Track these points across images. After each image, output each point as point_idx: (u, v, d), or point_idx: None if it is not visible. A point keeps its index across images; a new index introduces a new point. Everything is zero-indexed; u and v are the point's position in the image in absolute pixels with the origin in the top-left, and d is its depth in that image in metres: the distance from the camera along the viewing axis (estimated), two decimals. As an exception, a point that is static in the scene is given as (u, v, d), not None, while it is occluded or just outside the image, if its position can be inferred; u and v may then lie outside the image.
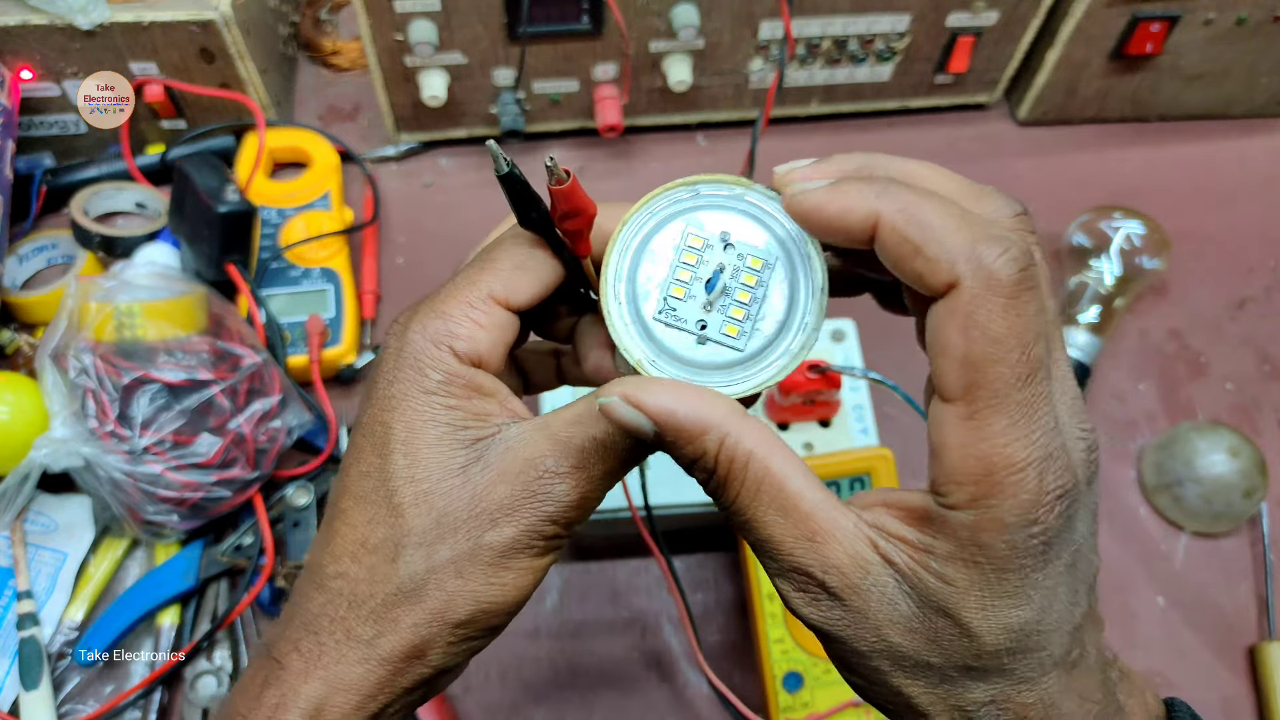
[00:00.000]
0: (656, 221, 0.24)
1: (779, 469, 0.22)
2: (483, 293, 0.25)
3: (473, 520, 0.24)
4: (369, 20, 0.55)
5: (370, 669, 0.24)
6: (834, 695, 0.43)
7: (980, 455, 0.20)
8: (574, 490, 0.24)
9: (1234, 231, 0.63)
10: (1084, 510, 0.21)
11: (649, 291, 0.24)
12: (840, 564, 0.21)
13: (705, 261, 0.24)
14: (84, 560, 0.49)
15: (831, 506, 0.22)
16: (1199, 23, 0.60)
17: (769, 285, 0.24)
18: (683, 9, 0.56)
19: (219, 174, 0.52)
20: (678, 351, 0.24)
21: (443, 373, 0.24)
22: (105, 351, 0.47)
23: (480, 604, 0.24)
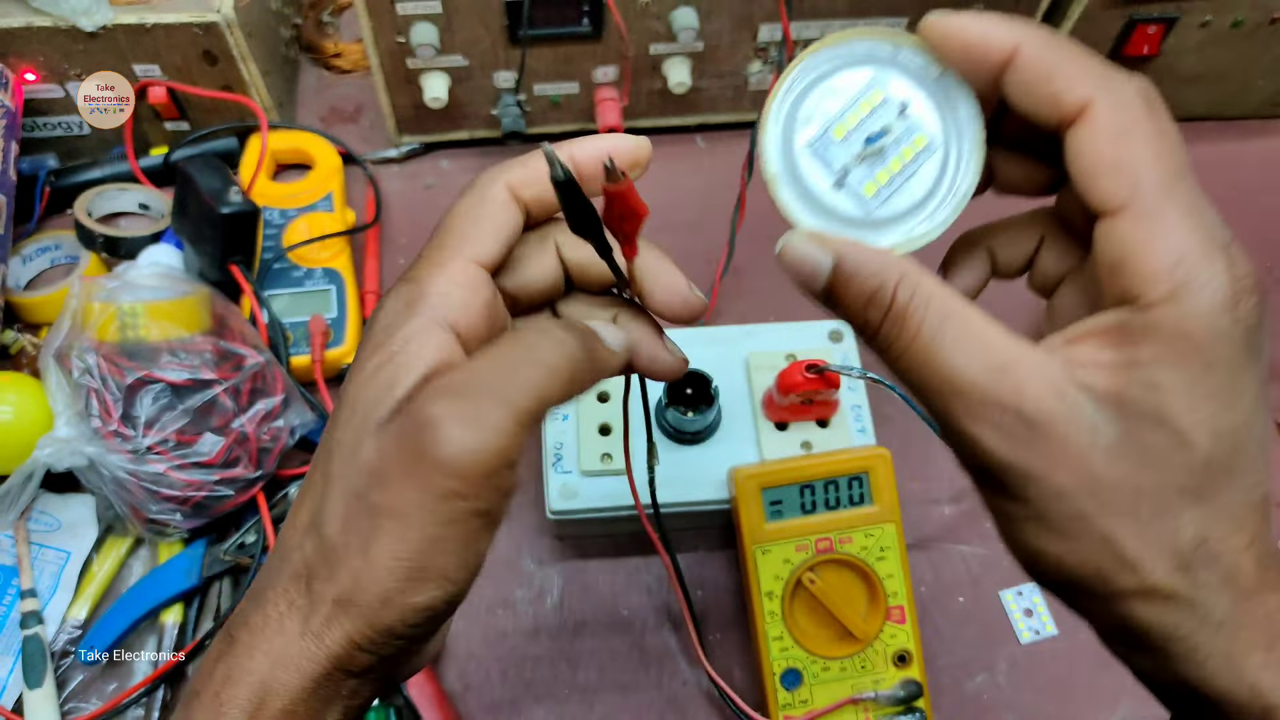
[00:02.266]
0: (848, 61, 0.24)
1: (964, 306, 0.21)
2: (451, 253, 0.25)
3: (371, 487, 0.22)
4: (371, 23, 0.55)
5: (308, 648, 0.22)
6: (832, 692, 0.44)
7: (1169, 246, 0.20)
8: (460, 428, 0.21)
9: (1230, 233, 0.64)
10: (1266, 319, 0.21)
11: (811, 119, 0.24)
12: (1036, 391, 0.20)
13: (876, 117, 0.24)
14: (87, 559, 0.50)
15: (1021, 341, 0.21)
16: (1196, 25, 0.60)
17: (921, 167, 0.24)
18: (682, 12, 0.56)
19: (222, 175, 0.52)
20: (809, 184, 0.24)
21: (405, 331, 0.23)
22: (109, 351, 0.47)
23: (391, 579, 0.22)
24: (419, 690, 0.45)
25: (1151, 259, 0.20)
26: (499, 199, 0.25)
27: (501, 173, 0.26)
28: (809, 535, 0.44)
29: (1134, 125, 0.21)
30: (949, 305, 0.21)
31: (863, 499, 0.45)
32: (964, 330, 0.21)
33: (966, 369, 0.21)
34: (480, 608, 0.49)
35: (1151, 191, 0.21)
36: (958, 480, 0.53)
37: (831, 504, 0.45)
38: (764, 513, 0.44)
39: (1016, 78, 0.22)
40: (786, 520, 0.45)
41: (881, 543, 0.45)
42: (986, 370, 0.21)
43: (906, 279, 0.22)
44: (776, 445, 0.48)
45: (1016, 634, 0.49)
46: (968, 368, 0.21)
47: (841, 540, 0.44)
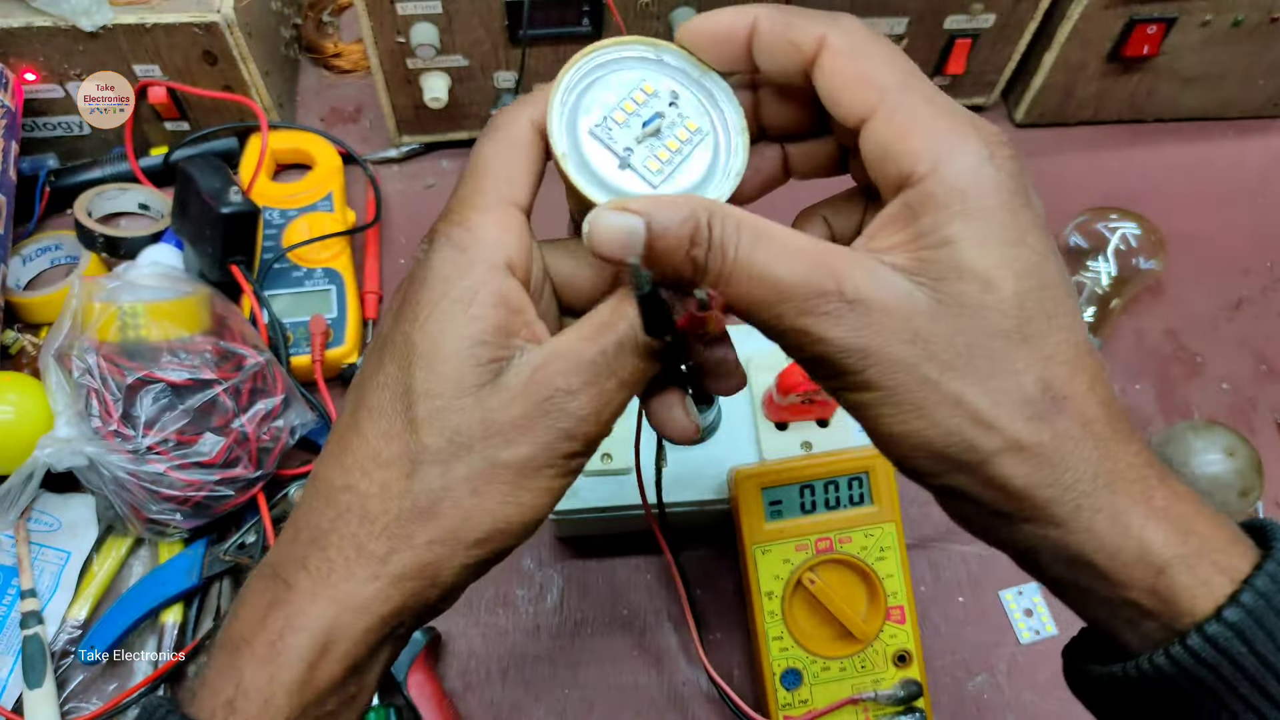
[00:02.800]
0: (618, 63, 0.26)
1: (771, 224, 0.23)
2: (494, 198, 0.25)
3: (487, 439, 0.23)
4: (371, 23, 0.55)
5: (380, 587, 0.23)
6: (832, 692, 0.44)
7: (923, 129, 0.22)
8: (588, 404, 0.24)
9: (1230, 232, 0.64)
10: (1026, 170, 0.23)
11: (591, 109, 0.26)
12: (852, 276, 0.22)
13: (649, 105, 0.26)
14: (87, 559, 0.50)
15: (827, 243, 0.23)
16: (1196, 25, 0.60)
17: (695, 150, 0.26)
18: (682, 12, 0.56)
19: (222, 175, 0.52)
20: (595, 167, 0.25)
21: (469, 280, 0.24)
22: (109, 351, 0.47)
23: (496, 523, 0.24)
24: (419, 690, 0.45)
25: (911, 140, 0.22)
26: (526, 139, 0.26)
27: (521, 109, 0.26)
28: (809, 535, 0.44)
29: (864, 44, 0.24)
30: (759, 225, 0.23)
31: (863, 499, 0.45)
32: (779, 242, 0.23)
33: (789, 273, 0.22)
34: (481, 607, 0.49)
35: (894, 90, 0.23)
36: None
37: (831, 504, 0.45)
38: (764, 513, 0.44)
39: (761, 43, 0.25)
40: (786, 520, 0.45)
41: (881, 543, 0.45)
42: (806, 268, 0.22)
43: (715, 212, 0.23)
44: (776, 445, 0.48)
45: (1016, 633, 0.49)
46: (790, 272, 0.22)
47: (841, 540, 0.44)
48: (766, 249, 0.22)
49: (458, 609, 0.49)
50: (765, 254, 0.22)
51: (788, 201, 0.30)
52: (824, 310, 0.22)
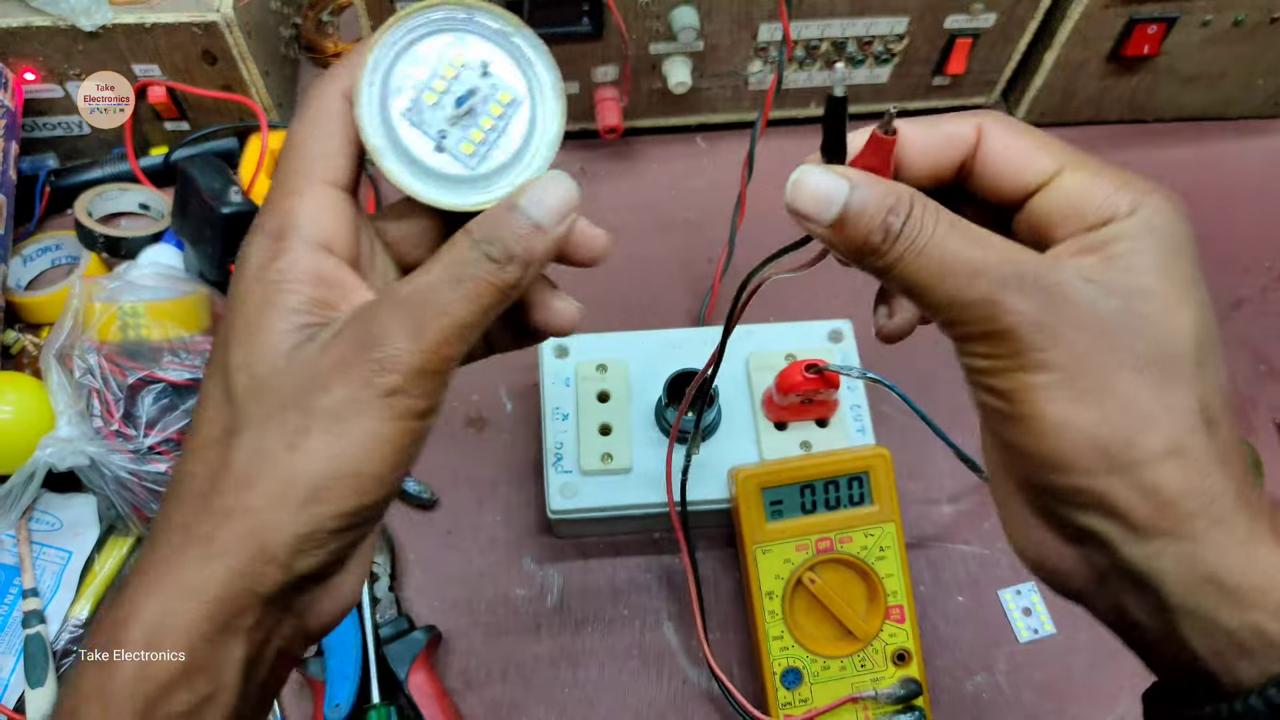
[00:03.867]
0: (428, 29, 0.25)
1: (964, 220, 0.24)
2: (306, 179, 0.25)
3: (302, 393, 0.22)
4: (371, 23, 0.55)
5: (212, 570, 0.22)
6: (832, 691, 0.44)
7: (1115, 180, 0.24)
8: (403, 329, 0.22)
9: (1230, 232, 0.64)
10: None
11: (402, 89, 0.25)
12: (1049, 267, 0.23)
13: (461, 81, 0.25)
14: (89, 558, 0.50)
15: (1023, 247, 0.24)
16: (1196, 24, 0.60)
17: (511, 121, 0.26)
18: (682, 11, 0.56)
19: (222, 175, 0.53)
20: (413, 152, 0.25)
21: (281, 262, 0.24)
22: (110, 351, 0.47)
23: (321, 477, 0.22)
24: (420, 689, 0.45)
25: (1106, 188, 0.24)
26: (337, 112, 0.25)
27: (330, 82, 0.25)
28: (809, 535, 0.44)
29: (1020, 126, 0.26)
30: (956, 216, 0.24)
31: (862, 499, 0.45)
32: (975, 231, 0.24)
33: (984, 253, 0.23)
34: (481, 607, 0.49)
35: (1071, 154, 0.25)
36: (957, 480, 0.54)
37: (831, 504, 0.45)
38: (764, 513, 0.45)
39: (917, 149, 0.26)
40: (787, 520, 0.45)
41: (881, 542, 0.45)
42: (1002, 250, 0.23)
43: (918, 196, 0.24)
44: (776, 445, 0.48)
45: (1015, 633, 0.49)
46: (985, 252, 0.23)
47: (841, 540, 0.45)
48: (964, 233, 0.24)
49: (458, 608, 0.49)
50: (963, 236, 0.24)
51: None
52: (1019, 286, 0.23)
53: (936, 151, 0.26)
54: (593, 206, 0.28)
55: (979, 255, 0.23)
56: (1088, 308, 0.23)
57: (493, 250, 0.24)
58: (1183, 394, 0.23)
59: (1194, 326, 0.23)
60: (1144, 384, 0.22)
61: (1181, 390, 0.23)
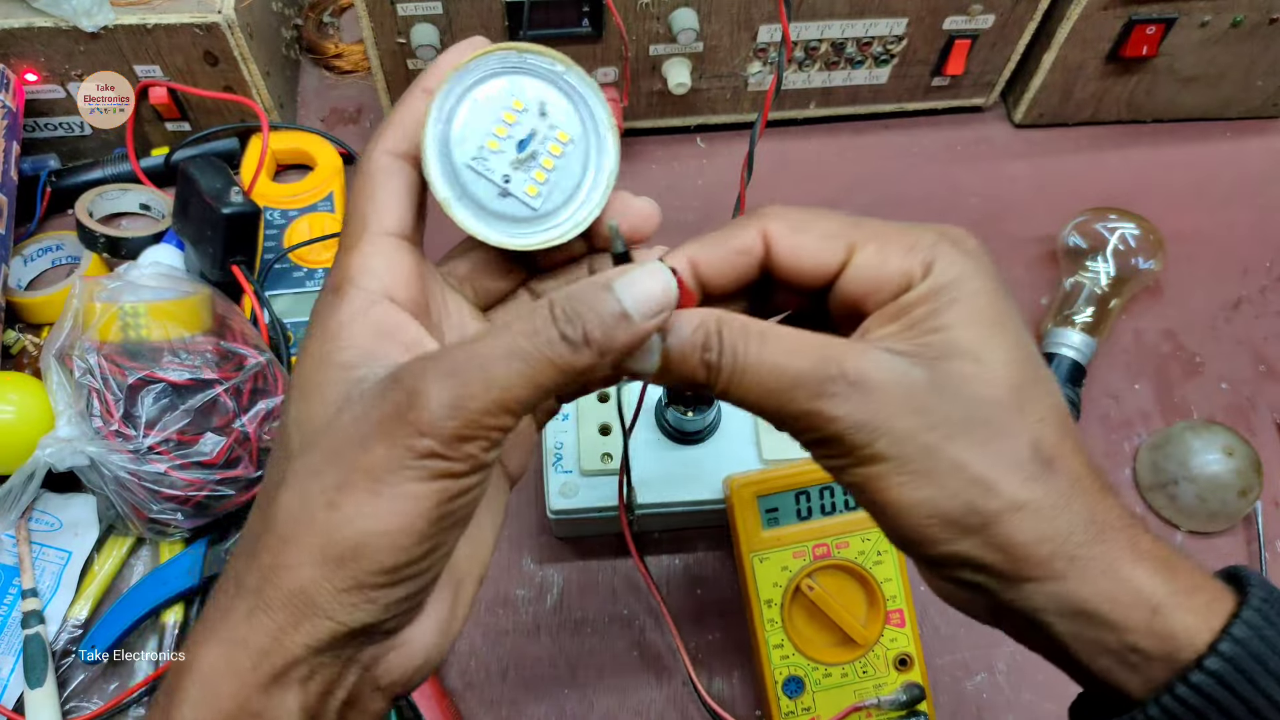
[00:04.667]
0: (484, 73, 0.26)
1: (769, 324, 0.25)
2: (363, 235, 0.25)
3: (346, 449, 0.22)
4: (371, 23, 0.55)
5: (259, 622, 0.22)
6: (835, 699, 0.44)
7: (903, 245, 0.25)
8: (445, 395, 0.22)
9: (1229, 232, 0.64)
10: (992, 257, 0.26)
11: (466, 138, 0.26)
12: (855, 362, 0.24)
13: (521, 124, 0.26)
14: (88, 558, 0.50)
15: (828, 336, 0.25)
16: (1195, 25, 0.60)
17: (570, 158, 0.27)
18: (682, 13, 0.57)
19: (223, 176, 0.53)
20: (480, 199, 0.26)
21: (341, 316, 0.24)
22: (110, 351, 0.47)
23: (357, 535, 0.22)
24: (420, 689, 0.45)
25: (897, 255, 0.25)
26: (382, 167, 0.26)
27: (376, 143, 0.26)
28: (806, 541, 0.44)
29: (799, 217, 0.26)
30: (763, 326, 0.25)
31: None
32: (784, 338, 0.24)
33: (797, 363, 0.24)
34: (480, 607, 0.49)
35: (859, 229, 0.26)
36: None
37: (827, 509, 0.45)
38: (760, 521, 0.45)
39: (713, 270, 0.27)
40: (783, 527, 0.45)
41: (879, 546, 0.45)
42: (812, 358, 0.24)
43: (723, 319, 0.25)
44: (776, 445, 0.48)
45: (1016, 633, 0.49)
46: (798, 362, 0.24)
47: (839, 545, 0.44)
48: (775, 345, 0.24)
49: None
50: (773, 350, 0.24)
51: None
52: (832, 392, 0.23)
53: (729, 268, 0.27)
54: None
55: (794, 366, 0.24)
56: (899, 388, 0.23)
57: (570, 330, 0.22)
58: (1009, 444, 0.23)
59: (1006, 369, 0.24)
60: (968, 447, 0.23)
61: (1007, 441, 0.23)
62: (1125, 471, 0.55)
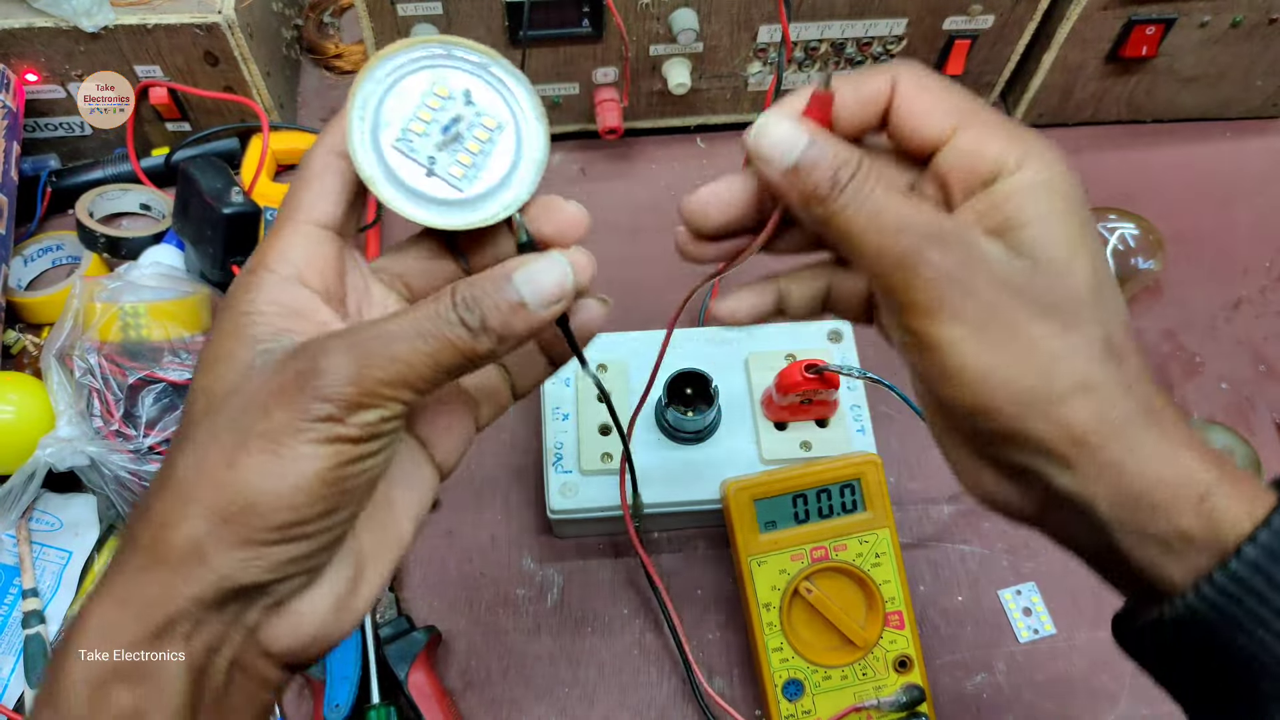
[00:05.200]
0: (411, 67, 0.27)
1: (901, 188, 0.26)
2: (289, 223, 0.27)
3: (247, 413, 0.23)
4: (372, 24, 0.55)
5: (148, 574, 0.23)
6: (835, 701, 0.44)
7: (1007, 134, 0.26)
8: (345, 365, 0.23)
9: (1229, 232, 0.64)
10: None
11: (390, 123, 0.26)
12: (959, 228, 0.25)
13: (446, 110, 0.27)
14: (89, 558, 0.50)
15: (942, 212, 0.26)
16: (1195, 25, 0.60)
17: (496, 144, 0.27)
18: (682, 13, 0.57)
19: (223, 176, 0.53)
20: (404, 179, 0.26)
21: (251, 294, 0.25)
22: (110, 351, 0.47)
23: (254, 494, 0.23)
24: (420, 689, 0.45)
25: (998, 143, 0.26)
26: (320, 163, 0.27)
27: (318, 143, 0.27)
28: (804, 544, 0.44)
29: (929, 79, 0.27)
30: (894, 182, 0.26)
31: (855, 506, 0.45)
32: (907, 196, 0.26)
33: (912, 213, 0.25)
34: (481, 606, 0.50)
35: (970, 110, 0.27)
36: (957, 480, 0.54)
37: (825, 512, 0.45)
38: (757, 524, 0.45)
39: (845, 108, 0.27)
40: (780, 531, 0.45)
41: (876, 548, 0.45)
42: (927, 215, 0.25)
43: (865, 158, 0.26)
44: (776, 445, 0.48)
45: (1015, 633, 0.49)
46: (913, 212, 0.25)
47: (837, 548, 0.45)
48: (898, 195, 0.26)
49: (458, 608, 0.49)
50: (896, 198, 0.26)
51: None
52: (938, 244, 0.25)
53: (859, 109, 0.27)
54: (593, 207, 0.28)
55: (907, 214, 0.25)
56: (993, 264, 0.25)
57: (470, 317, 0.24)
58: (1085, 334, 0.25)
59: (1089, 271, 0.25)
60: (1048, 329, 0.25)
61: (1083, 331, 0.25)
62: (1125, 471, 0.55)
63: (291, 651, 0.25)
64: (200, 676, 0.24)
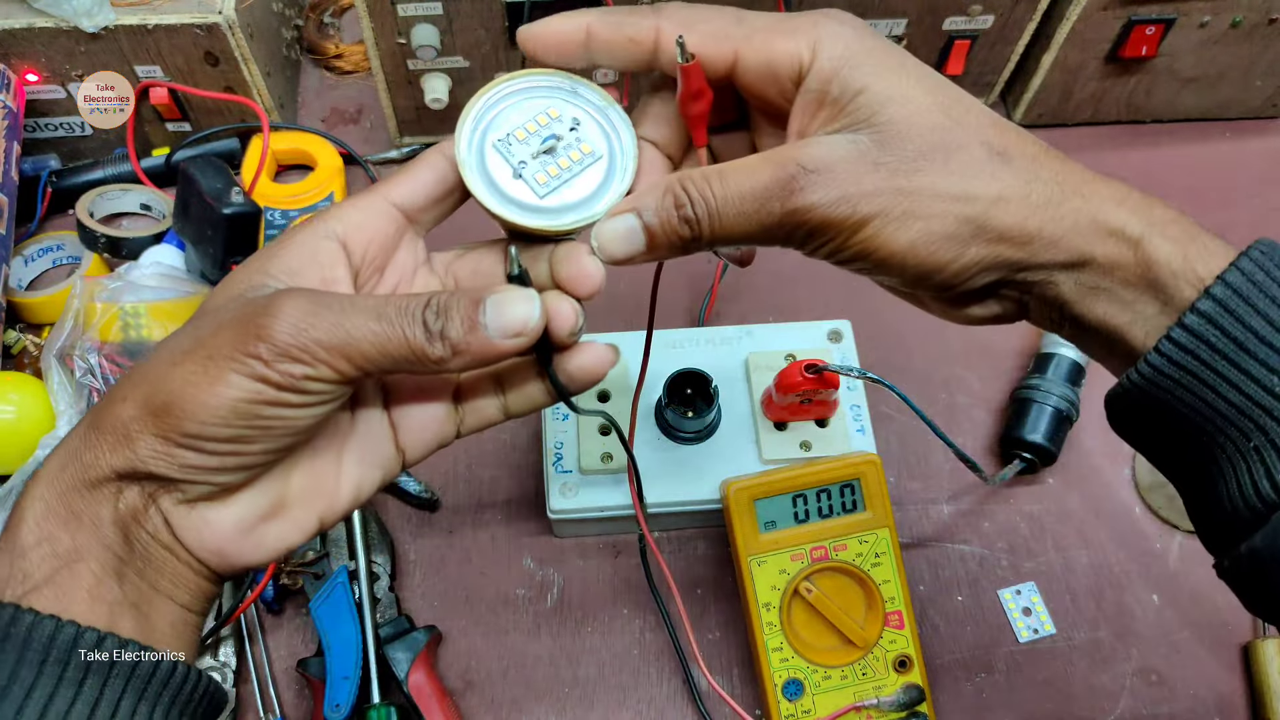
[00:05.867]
0: (535, 91, 0.30)
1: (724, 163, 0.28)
2: (364, 193, 0.30)
3: (205, 329, 0.26)
4: (372, 24, 0.55)
5: (89, 438, 0.26)
6: (835, 701, 0.44)
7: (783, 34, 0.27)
8: (294, 317, 0.25)
9: (1229, 232, 0.63)
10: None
11: (499, 126, 0.30)
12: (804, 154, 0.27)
13: (551, 128, 0.30)
14: (89, 558, 0.50)
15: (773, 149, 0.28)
16: (1194, 25, 0.60)
17: (586, 170, 0.30)
18: (682, 13, 0.57)
19: (224, 176, 0.53)
20: (493, 174, 0.29)
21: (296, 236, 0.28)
22: (111, 351, 0.47)
23: (173, 394, 0.25)
24: (420, 688, 0.45)
25: (780, 47, 0.27)
26: (427, 158, 0.30)
27: (439, 145, 0.30)
28: (804, 544, 0.44)
29: (690, 14, 0.28)
30: (717, 167, 0.27)
31: (855, 505, 0.45)
32: (739, 168, 0.27)
33: (761, 179, 0.27)
34: (481, 606, 0.50)
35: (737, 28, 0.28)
36: (957, 480, 0.54)
37: (825, 512, 0.45)
38: (757, 524, 0.45)
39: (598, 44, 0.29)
40: (780, 530, 0.45)
41: (876, 548, 0.45)
42: (770, 171, 0.27)
43: (680, 177, 0.27)
44: (776, 445, 0.48)
45: (1015, 633, 0.49)
46: (760, 178, 0.27)
47: (836, 548, 0.45)
48: (734, 176, 0.27)
49: (458, 608, 0.49)
50: (735, 180, 0.27)
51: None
52: (800, 186, 0.26)
53: (621, 51, 0.29)
54: (593, 207, 0.29)
55: (759, 183, 0.27)
56: (851, 157, 0.26)
57: (434, 321, 0.26)
58: (964, 156, 0.26)
59: (929, 97, 0.26)
60: (934, 174, 0.26)
61: (961, 154, 0.26)
62: (1125, 472, 0.55)
63: (200, 554, 0.27)
64: (127, 536, 0.26)
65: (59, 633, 0.24)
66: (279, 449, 0.27)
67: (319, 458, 0.29)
